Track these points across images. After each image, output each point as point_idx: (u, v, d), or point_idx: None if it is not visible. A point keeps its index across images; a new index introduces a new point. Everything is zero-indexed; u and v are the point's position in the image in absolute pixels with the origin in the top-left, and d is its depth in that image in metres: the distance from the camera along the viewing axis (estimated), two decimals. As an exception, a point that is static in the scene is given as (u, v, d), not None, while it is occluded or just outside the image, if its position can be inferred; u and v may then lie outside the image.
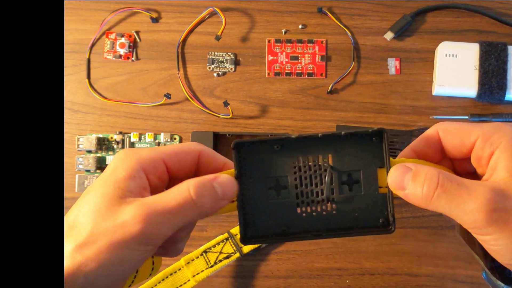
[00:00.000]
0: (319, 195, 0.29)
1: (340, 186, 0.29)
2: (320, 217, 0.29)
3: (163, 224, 0.26)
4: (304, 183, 0.29)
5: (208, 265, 0.51)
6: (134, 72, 0.57)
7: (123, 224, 0.25)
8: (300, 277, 0.54)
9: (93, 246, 0.25)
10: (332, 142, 0.30)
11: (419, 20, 0.57)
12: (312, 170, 0.29)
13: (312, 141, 0.29)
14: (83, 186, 0.54)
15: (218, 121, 0.56)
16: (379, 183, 0.29)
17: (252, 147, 0.30)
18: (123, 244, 0.25)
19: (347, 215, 0.29)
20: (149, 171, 0.28)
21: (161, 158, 0.28)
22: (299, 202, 0.29)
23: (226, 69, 0.57)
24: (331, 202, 0.29)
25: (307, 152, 0.29)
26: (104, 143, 0.56)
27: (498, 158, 0.27)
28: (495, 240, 0.27)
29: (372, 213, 0.29)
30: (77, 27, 0.57)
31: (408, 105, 0.56)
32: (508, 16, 0.56)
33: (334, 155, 0.29)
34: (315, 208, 0.29)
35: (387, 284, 0.54)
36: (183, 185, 0.27)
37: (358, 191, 0.29)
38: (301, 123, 0.56)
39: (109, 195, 0.26)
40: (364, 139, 0.29)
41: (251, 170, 0.30)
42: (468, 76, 0.54)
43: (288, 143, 0.29)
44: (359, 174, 0.29)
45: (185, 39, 0.57)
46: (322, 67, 0.56)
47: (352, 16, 0.57)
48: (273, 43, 0.57)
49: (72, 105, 0.57)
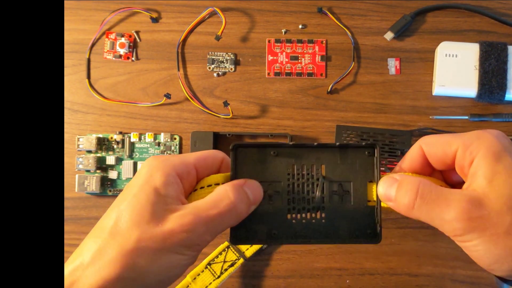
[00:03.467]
0: (310, 203, 0.30)
1: (331, 195, 0.30)
2: (309, 224, 0.30)
3: (207, 232, 0.27)
4: (297, 190, 0.30)
5: (215, 276, 0.51)
6: (134, 72, 0.57)
7: (171, 232, 0.26)
8: (300, 277, 0.54)
9: (143, 253, 0.26)
10: (326, 153, 0.31)
11: (419, 20, 0.57)
12: (305, 178, 0.30)
13: (307, 149, 0.31)
14: (83, 186, 0.54)
15: (218, 121, 0.56)
16: (368, 196, 0.30)
17: (250, 150, 0.31)
18: (172, 250, 0.26)
19: (336, 224, 0.30)
20: (182, 177, 0.29)
21: (192, 164, 0.29)
22: (290, 208, 0.30)
23: (226, 69, 0.57)
24: (321, 211, 0.30)
25: (302, 160, 0.30)
26: (104, 143, 0.56)
27: (477, 165, 0.28)
28: (475, 246, 0.27)
29: (360, 224, 0.30)
30: (77, 27, 0.57)
31: (408, 105, 0.56)
32: (508, 16, 0.56)
33: (328, 165, 0.31)
34: (305, 215, 0.30)
35: (387, 284, 0.54)
36: (222, 192, 0.28)
37: (348, 201, 0.30)
38: (301, 123, 0.56)
39: (150, 202, 0.27)
40: (357, 152, 0.31)
41: (247, 172, 0.31)
42: (468, 76, 0.54)
43: (285, 150, 0.31)
44: (350, 186, 0.30)
45: (185, 39, 0.57)
46: (322, 67, 0.56)
47: (352, 16, 0.57)
48: (273, 43, 0.57)
49: (72, 105, 0.57)
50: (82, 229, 0.55)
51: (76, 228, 0.55)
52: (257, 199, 0.29)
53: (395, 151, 0.53)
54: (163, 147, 0.55)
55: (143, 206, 0.27)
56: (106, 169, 0.55)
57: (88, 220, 0.55)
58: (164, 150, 0.55)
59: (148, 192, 0.27)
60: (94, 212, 0.55)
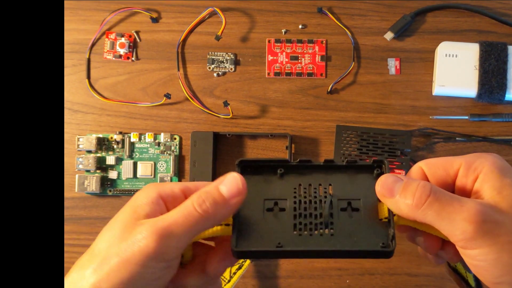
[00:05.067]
0: (317, 218, 0.29)
1: (339, 212, 0.29)
2: (316, 238, 0.29)
3: (171, 238, 0.26)
4: (303, 207, 0.29)
5: (226, 281, 0.51)
6: (134, 72, 0.57)
7: (134, 242, 0.26)
8: (300, 277, 0.54)
9: (107, 267, 0.26)
10: (334, 170, 0.30)
11: (419, 20, 0.57)
12: (312, 196, 0.29)
13: (315, 167, 0.30)
14: (83, 186, 0.54)
15: (218, 121, 0.56)
16: (379, 214, 0.29)
17: (255, 167, 0.30)
18: (133, 261, 0.25)
19: (345, 238, 0.29)
20: (168, 201, 0.28)
21: (180, 190, 0.29)
22: (296, 223, 0.29)
23: (226, 69, 0.57)
24: (329, 227, 0.29)
25: (309, 178, 0.30)
26: (104, 143, 0.56)
27: (482, 180, 0.28)
28: (483, 255, 0.26)
29: (371, 237, 0.29)
30: (77, 27, 0.57)
31: (408, 105, 0.56)
32: (508, 16, 0.56)
33: (335, 183, 0.30)
34: (313, 230, 0.29)
35: (386, 284, 0.54)
36: (188, 199, 0.27)
37: (358, 218, 0.29)
38: (301, 123, 0.56)
39: (125, 220, 0.27)
40: (365, 170, 0.30)
41: (252, 189, 0.29)
42: (468, 76, 0.54)
43: (291, 168, 0.30)
44: (359, 203, 0.29)
45: (185, 39, 0.57)
46: (322, 67, 0.56)
47: (352, 16, 0.57)
48: (273, 43, 0.57)
49: (72, 105, 0.57)
50: (82, 229, 0.55)
51: (76, 228, 0.55)
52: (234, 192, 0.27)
53: (395, 151, 0.53)
54: (163, 147, 0.55)
55: (118, 224, 0.27)
56: (106, 169, 0.55)
57: (88, 220, 0.55)
58: (164, 150, 0.55)
59: (126, 212, 0.28)
60: (94, 212, 0.55)
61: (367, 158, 0.53)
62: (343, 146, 0.53)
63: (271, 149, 0.56)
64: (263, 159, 0.29)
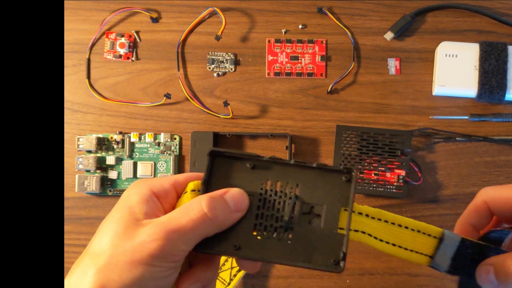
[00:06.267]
0: (278, 221, 0.29)
1: (301, 216, 0.29)
2: (274, 243, 0.29)
3: (180, 240, 0.26)
4: (267, 206, 0.29)
5: (226, 284, 0.51)
6: (134, 72, 0.57)
7: (142, 243, 0.26)
8: (300, 277, 0.54)
9: (115, 267, 0.26)
10: (304, 172, 0.30)
11: (419, 20, 0.57)
12: (277, 195, 0.29)
13: (284, 166, 0.30)
14: (83, 186, 0.54)
15: (218, 121, 0.56)
16: (339, 223, 0.29)
17: (226, 158, 0.30)
18: (144, 262, 0.26)
19: (301, 247, 0.29)
20: (160, 196, 0.29)
21: (170, 184, 0.29)
22: (256, 223, 0.29)
23: (226, 69, 0.57)
24: (288, 231, 0.29)
25: (278, 176, 0.30)
26: (104, 143, 0.56)
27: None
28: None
29: (325, 250, 0.28)
30: (77, 27, 0.57)
31: (408, 105, 0.56)
32: (508, 16, 0.56)
33: (303, 185, 0.29)
34: (272, 233, 0.29)
35: (387, 284, 0.54)
36: (196, 201, 0.28)
37: (317, 225, 0.29)
38: (301, 123, 0.56)
39: (125, 219, 0.27)
40: (334, 175, 0.29)
41: (220, 181, 0.30)
42: (468, 76, 0.54)
43: (261, 163, 0.30)
44: (322, 209, 0.29)
45: (185, 39, 0.57)
46: (322, 67, 0.56)
47: (352, 16, 0.57)
48: (273, 43, 0.57)
49: (72, 105, 0.57)
50: (82, 229, 0.55)
51: (76, 228, 0.55)
52: (240, 207, 0.28)
53: (395, 151, 0.53)
54: (163, 147, 0.55)
55: (117, 224, 0.27)
56: (106, 169, 0.55)
57: (88, 220, 0.55)
58: (164, 150, 0.55)
59: (122, 211, 0.28)
60: (94, 212, 0.55)
61: (367, 158, 0.53)
62: (343, 146, 0.53)
63: (271, 149, 0.56)
64: (234, 151, 0.29)
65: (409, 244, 0.29)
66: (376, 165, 0.53)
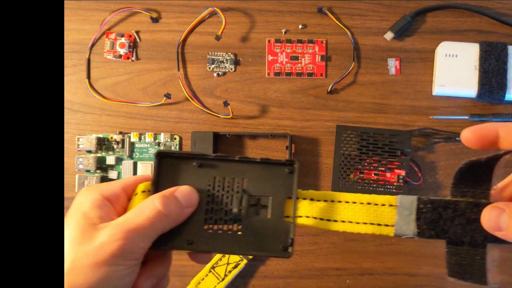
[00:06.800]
0: (227, 215, 0.30)
1: (249, 208, 0.31)
2: (225, 235, 0.30)
3: (138, 238, 0.28)
4: (216, 201, 0.31)
5: (219, 279, 0.51)
6: (134, 72, 0.57)
7: (102, 245, 0.27)
8: (299, 277, 0.54)
9: (79, 271, 0.27)
10: (249, 167, 0.31)
11: (419, 20, 0.57)
12: (225, 190, 0.31)
13: (230, 162, 0.31)
14: (83, 186, 0.54)
15: (218, 121, 0.56)
16: (285, 212, 0.30)
17: (173, 159, 0.31)
18: (106, 262, 0.27)
19: (250, 237, 0.30)
20: (112, 200, 0.30)
21: (121, 188, 0.30)
22: (207, 218, 0.30)
23: (226, 69, 0.57)
24: (237, 223, 0.30)
25: (225, 173, 0.31)
26: (104, 143, 0.56)
27: None
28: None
29: (274, 238, 0.30)
30: (77, 27, 0.57)
31: (408, 105, 0.56)
32: (508, 16, 0.56)
33: (249, 179, 0.31)
34: (222, 226, 0.30)
35: (386, 284, 0.54)
36: (149, 200, 0.29)
37: (265, 216, 0.30)
38: (301, 123, 0.56)
39: (81, 225, 0.28)
40: (278, 168, 0.31)
41: (169, 181, 0.31)
42: (468, 76, 0.54)
43: (207, 161, 0.31)
44: (269, 200, 0.31)
45: (185, 39, 0.57)
46: (322, 67, 0.56)
47: (352, 16, 0.57)
48: (273, 43, 0.57)
49: (72, 105, 0.57)
50: (82, 229, 0.55)
51: (76, 228, 0.55)
52: (190, 202, 0.30)
53: (395, 151, 0.53)
54: (163, 147, 0.56)
55: (74, 230, 0.28)
56: (106, 169, 0.55)
57: (88, 220, 0.55)
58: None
59: (77, 218, 0.28)
60: (94, 212, 0.55)
61: (367, 158, 0.53)
62: (343, 146, 0.53)
63: (271, 149, 0.56)
64: (181, 151, 0.31)
65: (365, 219, 0.30)
66: (376, 165, 0.53)
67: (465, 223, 0.28)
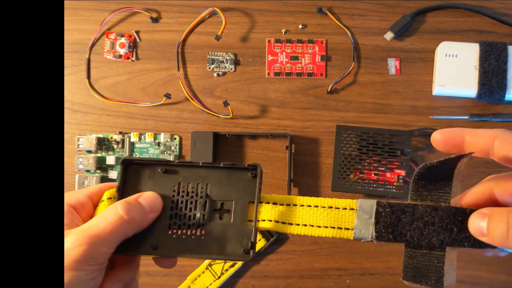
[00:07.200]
0: (191, 220, 0.31)
1: (212, 213, 0.31)
2: (189, 240, 0.31)
3: (101, 244, 0.28)
4: (179, 207, 0.31)
5: (216, 277, 0.51)
6: (134, 72, 0.57)
7: (66, 251, 0.27)
8: (299, 277, 0.54)
9: None
10: (213, 172, 0.32)
11: (419, 20, 0.57)
12: (189, 196, 0.31)
13: (194, 168, 0.32)
14: (83, 186, 0.54)
15: (218, 121, 0.56)
16: (248, 216, 0.31)
17: (138, 166, 0.32)
18: (70, 267, 0.27)
19: (213, 241, 0.31)
20: (77, 208, 0.31)
21: (86, 196, 0.31)
22: (171, 223, 0.31)
23: (226, 69, 0.57)
24: (200, 228, 0.31)
25: (188, 178, 0.32)
26: (104, 143, 0.56)
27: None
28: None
29: (235, 242, 0.31)
30: (77, 27, 0.57)
31: (408, 105, 0.56)
32: (508, 16, 0.56)
33: (213, 184, 0.31)
34: (186, 231, 0.31)
35: (386, 284, 0.54)
36: (112, 207, 0.30)
37: (228, 220, 0.31)
38: (301, 123, 0.56)
39: None
40: (241, 173, 0.31)
41: (134, 187, 0.32)
42: (468, 76, 0.54)
43: (171, 167, 0.32)
44: (232, 205, 0.31)
45: (185, 39, 0.57)
46: (322, 67, 0.56)
47: (352, 16, 0.57)
48: (273, 43, 0.57)
49: (72, 105, 0.57)
50: (82, 229, 0.55)
51: (76, 228, 0.55)
52: (154, 207, 0.31)
53: (395, 151, 0.53)
54: (163, 147, 0.56)
55: None
56: (106, 169, 0.55)
57: (88, 220, 0.55)
58: (164, 150, 0.55)
59: None
60: (94, 212, 0.55)
61: (367, 158, 0.53)
62: (343, 146, 0.53)
63: (271, 149, 0.56)
64: (146, 158, 0.31)
65: (325, 222, 0.30)
66: (376, 165, 0.53)
67: (423, 227, 0.29)
